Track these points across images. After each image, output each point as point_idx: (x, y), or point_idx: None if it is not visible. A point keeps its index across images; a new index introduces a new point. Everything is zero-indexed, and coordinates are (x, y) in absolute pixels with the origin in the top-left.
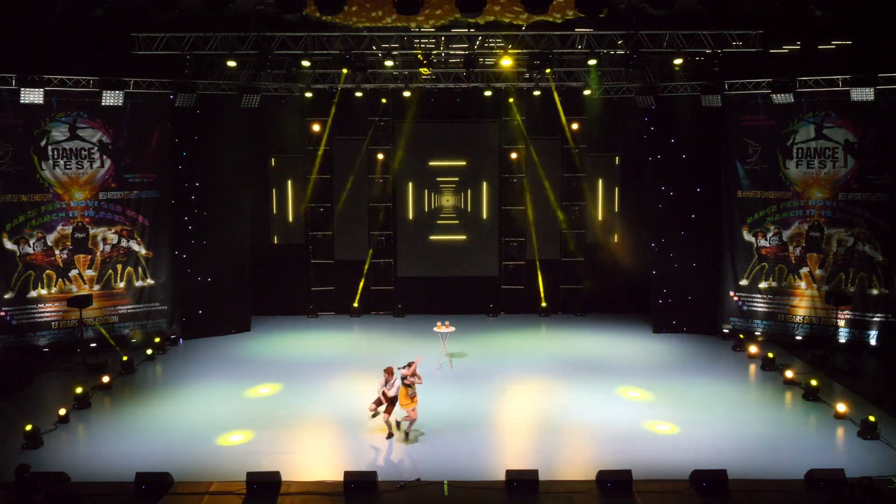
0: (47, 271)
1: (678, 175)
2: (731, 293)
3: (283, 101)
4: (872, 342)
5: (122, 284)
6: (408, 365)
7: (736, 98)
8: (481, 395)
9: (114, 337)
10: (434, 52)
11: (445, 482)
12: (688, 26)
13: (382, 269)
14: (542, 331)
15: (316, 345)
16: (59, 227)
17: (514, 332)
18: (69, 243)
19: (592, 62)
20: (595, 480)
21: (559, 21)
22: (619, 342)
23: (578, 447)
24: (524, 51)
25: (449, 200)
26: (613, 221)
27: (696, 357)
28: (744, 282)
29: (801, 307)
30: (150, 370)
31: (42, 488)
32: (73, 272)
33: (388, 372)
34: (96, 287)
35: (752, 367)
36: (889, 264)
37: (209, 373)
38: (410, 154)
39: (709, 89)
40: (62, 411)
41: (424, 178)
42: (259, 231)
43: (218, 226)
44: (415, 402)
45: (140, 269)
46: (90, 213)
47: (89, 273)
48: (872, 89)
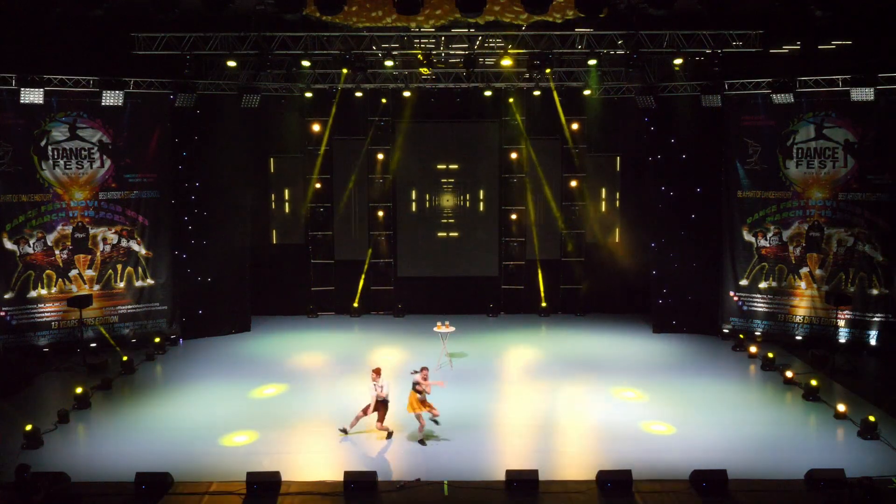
0: (47, 271)
1: (678, 175)
2: (731, 293)
3: (283, 101)
4: (872, 342)
5: (122, 284)
6: (420, 370)
7: (736, 98)
8: (481, 395)
9: (114, 337)
10: (434, 52)
11: (445, 482)
12: (688, 26)
13: (382, 269)
14: (542, 331)
15: (316, 345)
16: (59, 227)
17: (514, 332)
18: (69, 243)
19: (592, 62)
20: (595, 480)
21: (559, 21)
22: (618, 342)
23: (578, 447)
24: (524, 51)
25: (449, 200)
26: (613, 221)
27: (696, 357)
28: (744, 282)
29: (801, 307)
30: (150, 370)
31: (42, 488)
32: (73, 272)
33: (377, 372)
34: (96, 287)
35: (752, 367)
36: (889, 264)
37: (209, 373)
38: (410, 154)
39: (709, 89)
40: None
41: (424, 179)
42: (259, 231)
43: (218, 226)
44: (426, 407)
45: (140, 269)
46: (90, 213)
47: (89, 273)
48: (872, 89)
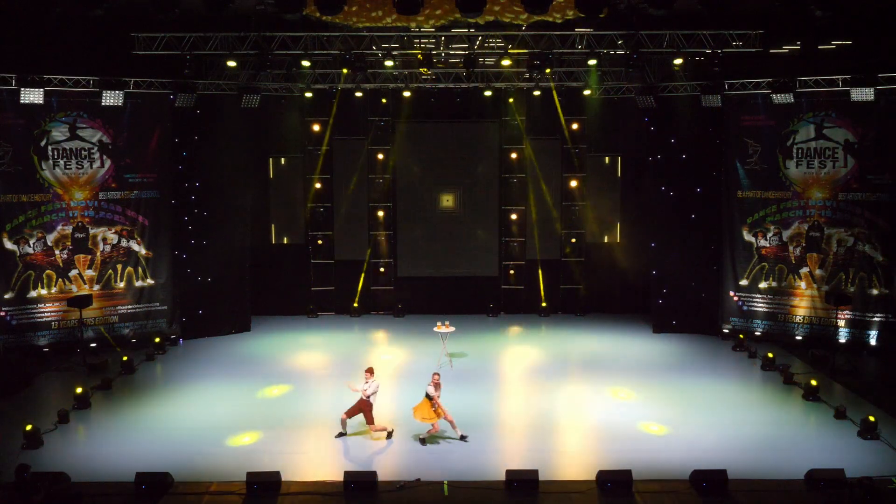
0: (47, 271)
1: (678, 175)
2: (731, 293)
3: (283, 101)
4: (872, 342)
5: (122, 284)
6: (431, 377)
7: (736, 98)
8: (481, 395)
9: (114, 337)
10: (434, 52)
11: (445, 482)
12: (688, 26)
13: (382, 269)
14: (542, 331)
15: (316, 345)
16: (59, 227)
17: (514, 332)
18: (69, 243)
19: (592, 62)
20: (595, 480)
21: (559, 21)
22: (618, 342)
23: (578, 447)
24: (524, 51)
25: (449, 200)
26: (613, 221)
27: (696, 357)
28: (744, 282)
29: (801, 307)
30: (150, 370)
31: (42, 488)
32: (73, 272)
33: (370, 372)
34: (96, 287)
35: (752, 367)
36: (889, 264)
37: (209, 373)
38: (410, 154)
39: (709, 89)
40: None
41: (424, 179)
42: (259, 231)
43: (218, 226)
44: (439, 414)
45: (140, 269)
46: (90, 213)
47: (89, 273)
48: (872, 89)
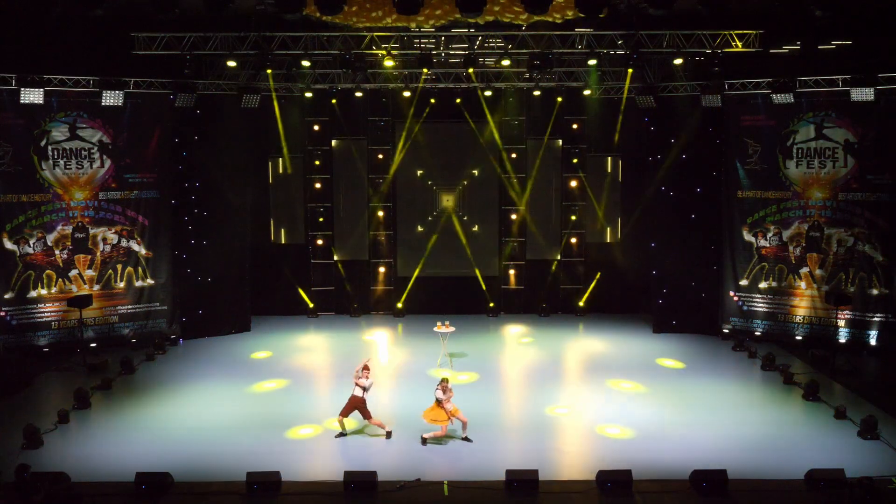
0: (47, 271)
1: (678, 175)
2: (731, 293)
3: (283, 102)
4: (872, 342)
5: (122, 284)
6: (440, 382)
7: (736, 98)
8: (481, 396)
9: (114, 337)
10: (434, 52)
11: (445, 482)
12: (688, 26)
13: (383, 269)
14: (543, 331)
15: (316, 345)
16: (59, 227)
17: (515, 332)
18: (69, 243)
19: (592, 62)
20: (595, 480)
21: (559, 21)
22: (619, 342)
23: (578, 447)
24: (524, 51)
25: (449, 200)
26: (613, 221)
27: (696, 357)
28: (744, 282)
29: (801, 307)
30: (150, 370)
31: (42, 488)
32: (73, 272)
33: (366, 368)
34: (96, 287)
35: (753, 367)
36: (889, 264)
37: (209, 373)
38: (410, 154)
39: (709, 89)
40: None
41: (424, 178)
42: (259, 231)
43: (218, 226)
44: (448, 418)
45: (140, 269)
46: (90, 213)
47: (89, 273)
48: (872, 89)
